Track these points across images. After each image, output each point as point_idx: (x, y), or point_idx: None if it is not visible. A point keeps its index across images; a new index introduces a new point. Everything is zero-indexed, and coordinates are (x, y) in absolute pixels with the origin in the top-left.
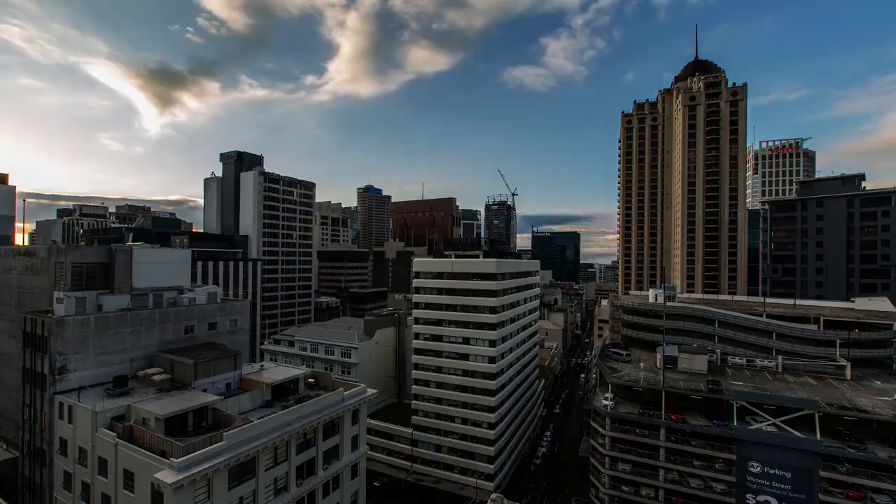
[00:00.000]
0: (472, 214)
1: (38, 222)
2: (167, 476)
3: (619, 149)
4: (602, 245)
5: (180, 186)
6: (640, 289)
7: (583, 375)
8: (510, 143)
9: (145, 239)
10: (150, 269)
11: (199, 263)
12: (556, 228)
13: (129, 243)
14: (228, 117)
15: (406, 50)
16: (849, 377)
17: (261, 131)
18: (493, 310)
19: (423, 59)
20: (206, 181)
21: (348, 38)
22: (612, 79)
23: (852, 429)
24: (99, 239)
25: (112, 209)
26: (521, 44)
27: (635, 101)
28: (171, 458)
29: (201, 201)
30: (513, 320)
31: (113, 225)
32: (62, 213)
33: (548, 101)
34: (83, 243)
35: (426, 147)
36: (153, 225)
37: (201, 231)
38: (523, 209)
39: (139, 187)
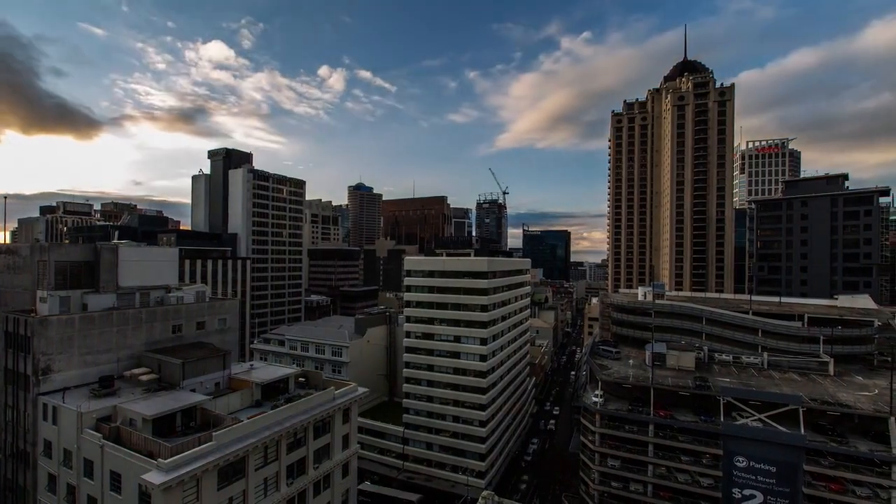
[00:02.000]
0: (464, 213)
1: (20, 220)
2: (155, 477)
3: (610, 148)
4: (593, 241)
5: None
6: (630, 287)
7: (573, 373)
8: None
9: (131, 237)
10: (136, 268)
11: (187, 262)
12: (548, 227)
13: (115, 241)
14: None
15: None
16: (831, 373)
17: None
18: (484, 308)
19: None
20: (194, 178)
21: None
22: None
23: (835, 423)
24: (83, 237)
25: (97, 207)
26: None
27: (625, 101)
28: (159, 459)
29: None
30: (504, 318)
31: (98, 223)
32: (45, 210)
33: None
34: (67, 241)
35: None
36: (139, 223)
37: (189, 229)
38: (514, 207)
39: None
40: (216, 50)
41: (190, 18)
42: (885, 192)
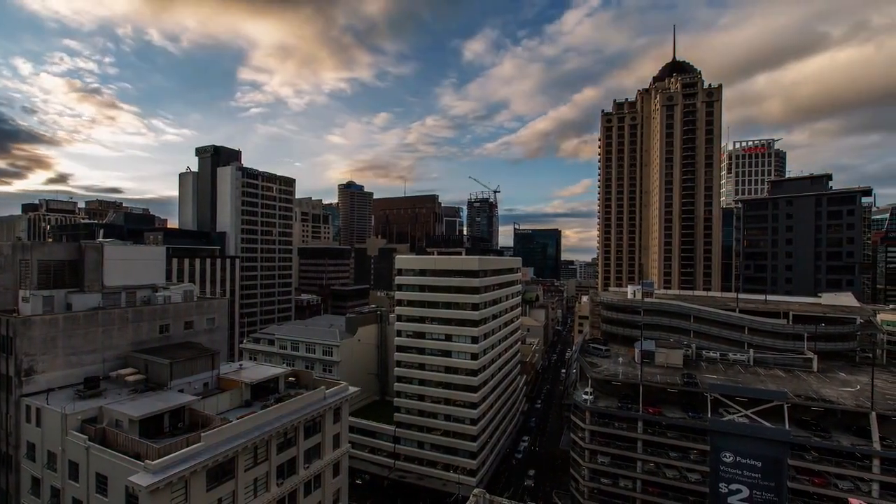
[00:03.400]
0: (455, 211)
1: (0, 218)
2: (142, 479)
3: (600, 147)
4: (585, 239)
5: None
6: (620, 285)
7: (563, 370)
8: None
9: (117, 235)
10: (122, 267)
11: (175, 261)
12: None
13: (100, 240)
14: None
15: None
16: (815, 369)
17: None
18: (475, 307)
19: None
20: (182, 176)
21: None
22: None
23: (818, 419)
24: (67, 235)
25: (81, 205)
26: None
27: (615, 101)
28: (147, 461)
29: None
30: (495, 317)
31: (83, 221)
32: (27, 208)
33: None
34: (51, 240)
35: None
36: (125, 221)
37: (177, 227)
38: (505, 205)
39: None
40: None
41: None
42: (868, 192)
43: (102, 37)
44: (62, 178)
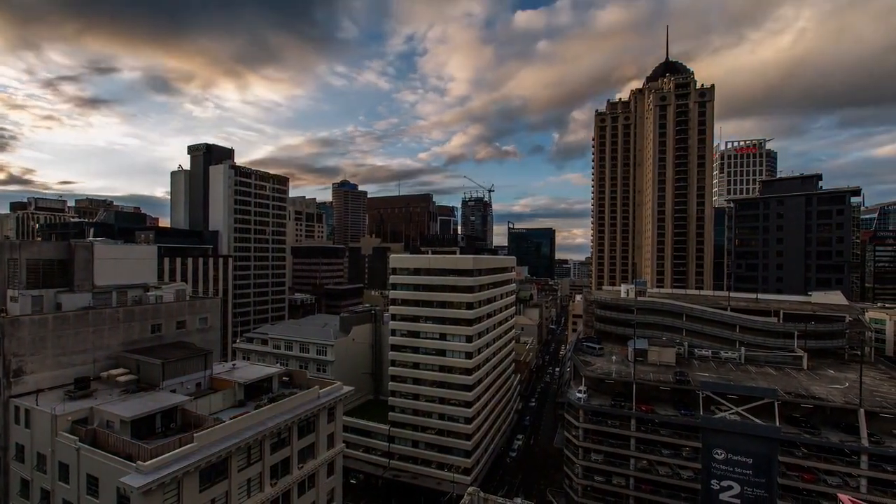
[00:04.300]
0: (449, 210)
1: None
2: (134, 480)
3: (593, 147)
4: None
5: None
6: (613, 284)
7: (557, 369)
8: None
9: (108, 234)
10: (112, 266)
11: (167, 260)
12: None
13: (90, 239)
14: None
15: None
16: (805, 367)
17: None
18: (469, 306)
19: None
20: (173, 174)
21: None
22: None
23: (808, 416)
24: (57, 234)
25: (71, 203)
26: None
27: (608, 101)
28: (139, 462)
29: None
30: (489, 316)
31: (72, 220)
32: (16, 206)
33: None
34: (39, 239)
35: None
36: (116, 220)
37: (168, 226)
38: (499, 205)
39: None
40: None
41: None
42: (857, 192)
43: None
44: None
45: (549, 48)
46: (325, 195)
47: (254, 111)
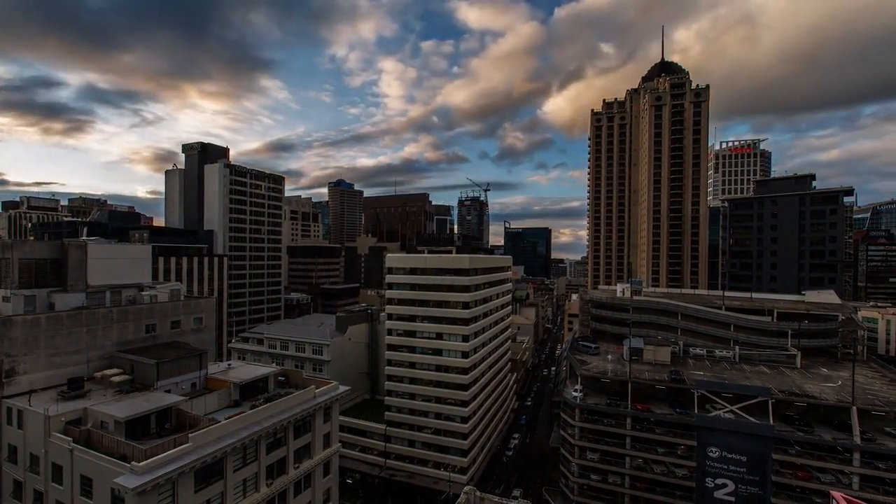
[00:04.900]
0: (446, 210)
1: None
2: (128, 481)
3: (590, 147)
4: (576, 237)
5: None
6: (609, 283)
7: (553, 368)
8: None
9: (101, 234)
10: (106, 266)
11: (161, 259)
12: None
13: (84, 238)
14: None
15: None
16: (799, 365)
17: None
18: (465, 305)
19: None
20: (168, 173)
21: None
22: None
23: (801, 414)
24: (50, 233)
25: (64, 202)
26: None
27: (604, 100)
28: (133, 462)
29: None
30: (485, 315)
31: (65, 219)
32: (8, 205)
33: None
34: (32, 238)
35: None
36: (110, 219)
37: (163, 226)
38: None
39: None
40: None
41: None
42: (849, 192)
43: None
44: None
45: (462, 70)
46: (294, 195)
47: (208, 118)
